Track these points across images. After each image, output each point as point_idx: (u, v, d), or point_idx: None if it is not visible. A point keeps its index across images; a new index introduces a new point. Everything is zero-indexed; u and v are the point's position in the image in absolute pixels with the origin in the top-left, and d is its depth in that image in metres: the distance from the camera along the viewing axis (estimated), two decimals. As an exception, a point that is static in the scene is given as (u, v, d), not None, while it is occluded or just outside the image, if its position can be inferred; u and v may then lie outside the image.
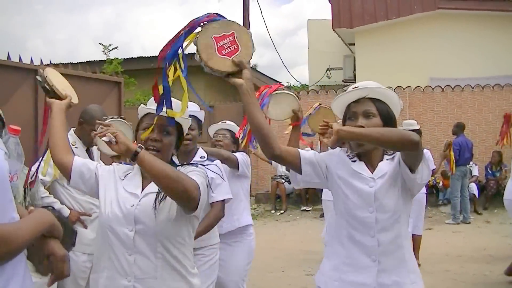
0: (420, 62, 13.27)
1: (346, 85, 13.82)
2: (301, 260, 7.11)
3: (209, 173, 2.48)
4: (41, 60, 6.00)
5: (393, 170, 2.21)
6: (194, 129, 3.26)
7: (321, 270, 2.37)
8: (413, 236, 6.00)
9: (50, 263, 1.46)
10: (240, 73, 2.12)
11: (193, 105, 3.41)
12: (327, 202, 6.35)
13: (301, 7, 47.45)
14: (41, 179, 3.48)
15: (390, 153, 2.29)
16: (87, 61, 13.74)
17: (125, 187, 2.17)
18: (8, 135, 1.96)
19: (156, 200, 2.07)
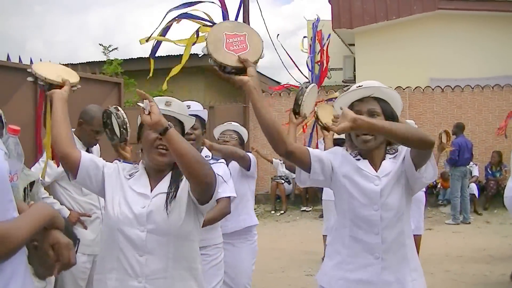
0: (420, 63, 13.26)
1: (346, 86, 13.80)
2: (301, 260, 7.11)
3: (216, 171, 2.49)
4: (40, 61, 5.96)
5: (397, 168, 2.23)
6: (198, 128, 3.20)
7: (323, 270, 2.37)
8: (414, 236, 5.95)
9: (55, 252, 1.44)
10: (244, 71, 2.09)
11: (196, 104, 3.38)
12: (328, 202, 6.34)
13: (301, 8, 47.43)
14: (41, 180, 3.47)
15: (392, 152, 2.30)
16: (86, 62, 13.68)
17: (133, 187, 2.13)
18: (8, 135, 1.96)
19: (167, 200, 2.06)
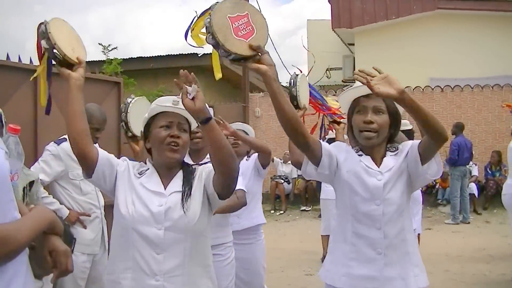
0: (419, 62, 13.27)
1: (345, 85, 13.81)
2: (300, 260, 7.11)
3: None
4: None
5: (399, 165, 2.26)
6: None
7: (326, 267, 2.38)
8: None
9: (53, 259, 1.45)
10: (255, 57, 1.98)
11: None
12: (326, 201, 6.36)
13: (301, 7, 47.41)
14: (41, 179, 3.47)
15: (393, 149, 2.33)
16: (86, 61, 13.66)
17: (146, 185, 2.11)
18: (8, 134, 1.95)
19: (183, 198, 2.07)
